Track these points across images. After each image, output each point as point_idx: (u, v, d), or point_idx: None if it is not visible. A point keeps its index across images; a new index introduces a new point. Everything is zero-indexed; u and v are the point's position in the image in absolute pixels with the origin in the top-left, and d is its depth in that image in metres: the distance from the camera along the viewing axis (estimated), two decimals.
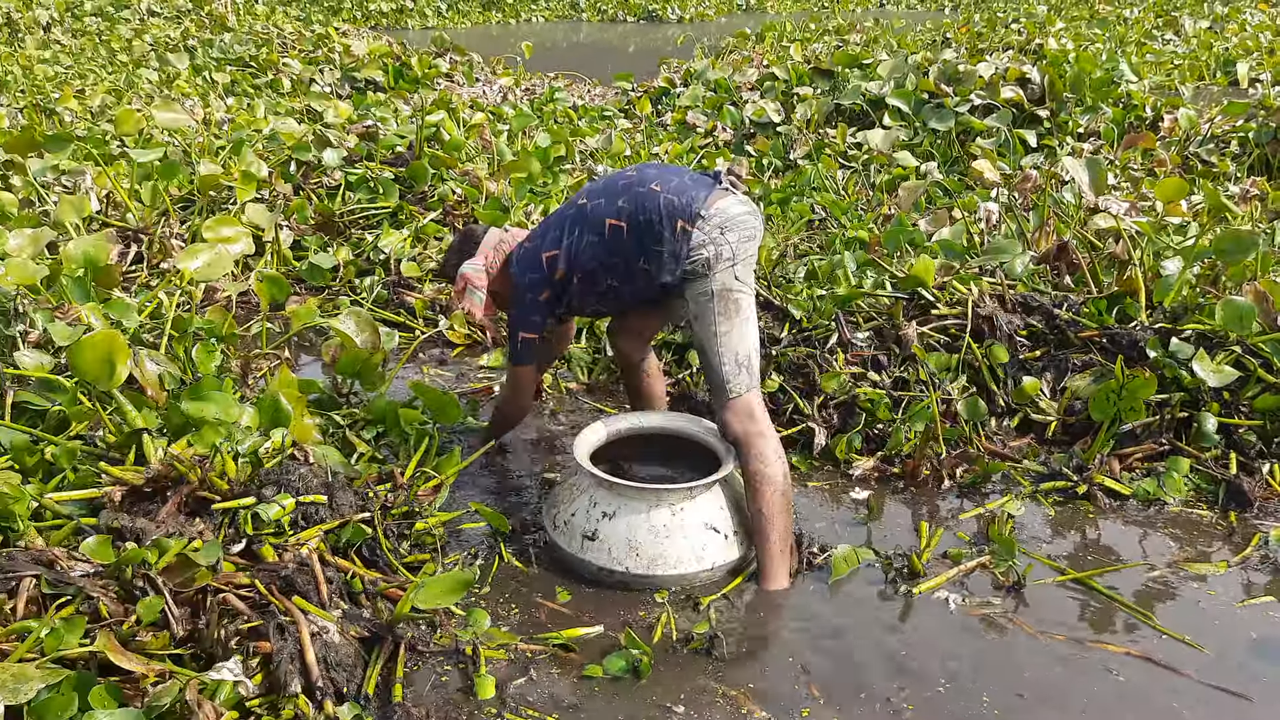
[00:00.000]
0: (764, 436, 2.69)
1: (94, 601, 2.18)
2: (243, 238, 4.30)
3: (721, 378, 2.70)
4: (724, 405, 2.71)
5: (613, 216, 2.72)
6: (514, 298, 2.93)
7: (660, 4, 21.77)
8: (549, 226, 2.90)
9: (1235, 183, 6.11)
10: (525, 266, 2.89)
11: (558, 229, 2.85)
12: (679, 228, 2.64)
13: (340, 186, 5.47)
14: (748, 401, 2.70)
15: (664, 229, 2.65)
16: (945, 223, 4.72)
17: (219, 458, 2.55)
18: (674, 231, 2.64)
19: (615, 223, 2.72)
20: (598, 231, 2.75)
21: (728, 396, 2.70)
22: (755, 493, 2.67)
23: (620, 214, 2.71)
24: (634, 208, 2.69)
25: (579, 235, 2.79)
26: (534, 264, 2.86)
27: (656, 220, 2.66)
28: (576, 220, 2.81)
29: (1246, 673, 2.35)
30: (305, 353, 4.27)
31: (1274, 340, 3.33)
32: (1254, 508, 3.04)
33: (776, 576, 2.67)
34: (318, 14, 17.89)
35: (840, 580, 2.72)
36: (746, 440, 2.68)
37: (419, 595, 2.29)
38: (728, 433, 2.73)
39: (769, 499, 2.65)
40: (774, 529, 2.66)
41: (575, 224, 2.81)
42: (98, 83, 9.56)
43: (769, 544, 2.67)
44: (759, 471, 2.66)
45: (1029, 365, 3.60)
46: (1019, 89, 7.54)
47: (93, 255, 3.81)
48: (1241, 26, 13.83)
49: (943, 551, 2.83)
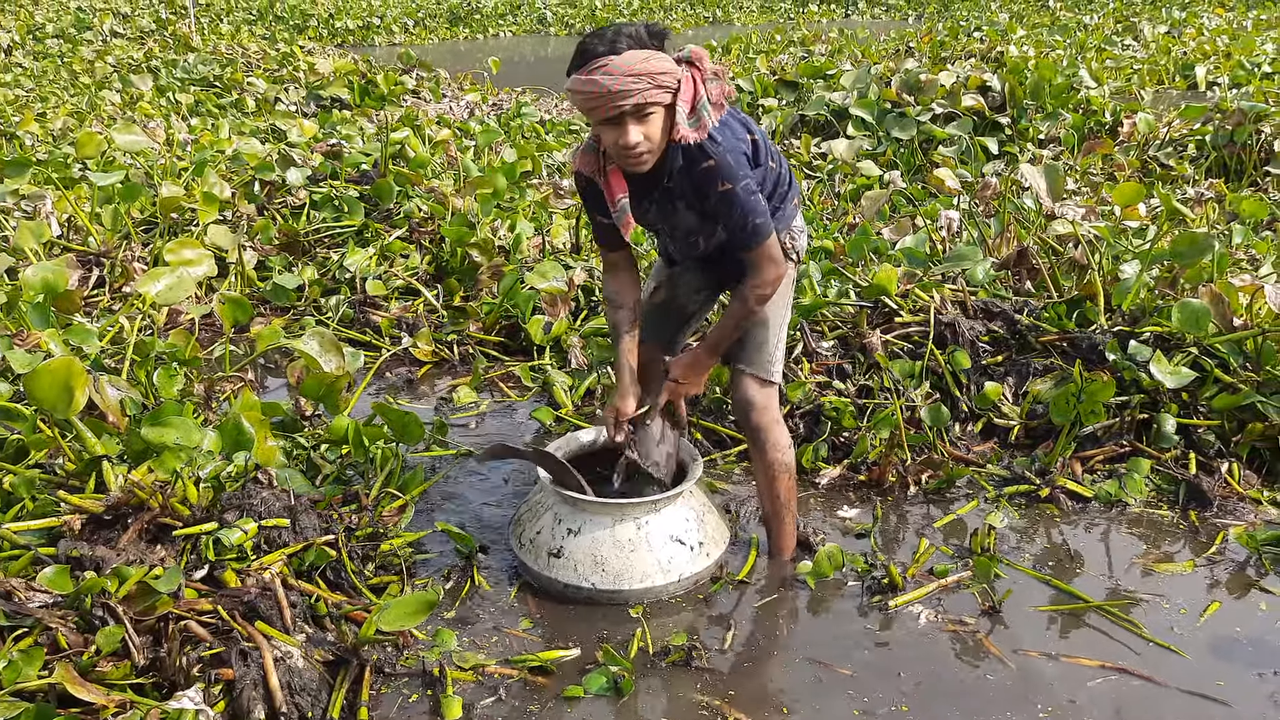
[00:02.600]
0: (781, 425, 2.72)
1: (52, 632, 2.15)
2: (205, 260, 4.26)
3: (768, 359, 2.66)
4: (759, 389, 2.66)
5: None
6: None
7: (627, 18, 21.86)
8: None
9: (1193, 185, 6.21)
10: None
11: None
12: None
13: (305, 206, 5.45)
14: (776, 391, 2.72)
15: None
16: (908, 231, 4.77)
17: (180, 483, 2.53)
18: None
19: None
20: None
21: (768, 380, 2.67)
22: (774, 480, 2.72)
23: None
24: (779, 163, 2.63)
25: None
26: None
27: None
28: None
29: (1220, 673, 2.38)
30: (271, 375, 4.25)
31: (1230, 341, 3.38)
32: (1213, 506, 3.09)
33: (789, 550, 2.85)
34: (283, 32, 17.83)
35: (818, 585, 2.74)
36: (767, 428, 2.68)
37: (383, 617, 2.28)
38: (750, 418, 2.68)
39: (787, 485, 2.74)
40: (789, 513, 2.81)
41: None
42: (59, 105, 9.48)
43: (784, 527, 2.83)
44: (778, 460, 2.70)
45: (991, 370, 3.64)
46: (980, 97, 7.63)
47: (52, 281, 3.77)
48: (1199, 31, 14.06)
49: (918, 563, 2.84)
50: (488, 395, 4.01)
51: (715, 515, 2.83)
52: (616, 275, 2.69)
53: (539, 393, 4.00)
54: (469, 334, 4.38)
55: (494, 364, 4.25)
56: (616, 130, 2.25)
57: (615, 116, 2.22)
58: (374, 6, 22.00)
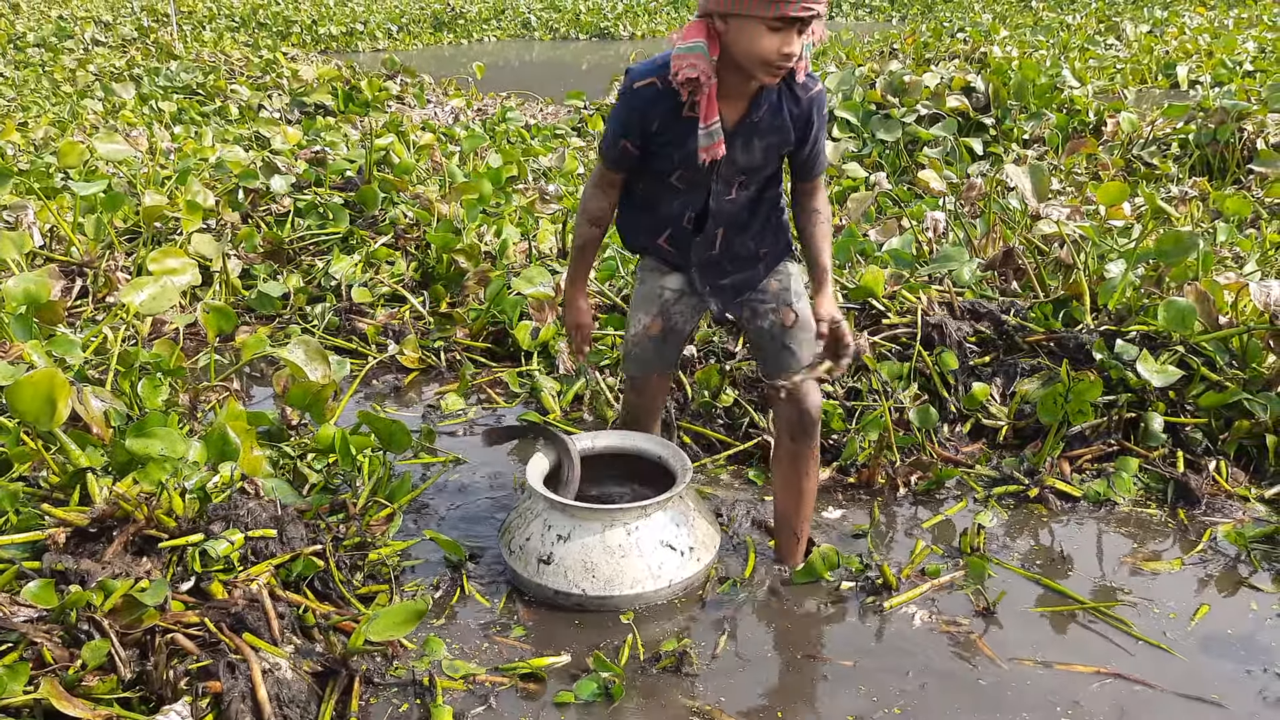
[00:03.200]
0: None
1: (38, 647, 2.13)
2: (189, 269, 4.23)
3: (811, 345, 2.59)
4: (804, 366, 2.58)
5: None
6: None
7: (612, 21, 21.88)
8: None
9: (1177, 184, 6.24)
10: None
11: None
12: None
13: (289, 213, 5.43)
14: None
15: None
16: (894, 232, 4.77)
17: (165, 494, 2.50)
18: None
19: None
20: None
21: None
22: (812, 472, 2.72)
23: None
24: None
25: None
26: None
27: None
28: None
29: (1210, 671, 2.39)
30: (257, 384, 4.22)
31: (1216, 339, 3.39)
32: (1202, 504, 3.09)
33: (803, 550, 2.85)
34: (265, 39, 17.77)
35: (812, 587, 2.74)
36: (817, 420, 2.66)
37: (372, 627, 2.27)
38: (816, 422, 2.66)
39: (816, 478, 2.75)
40: (811, 506, 2.81)
41: None
42: (41, 115, 9.42)
43: (804, 522, 2.81)
44: (816, 453, 2.70)
45: (979, 371, 3.64)
46: (964, 98, 7.66)
47: (35, 292, 3.75)
48: (1181, 30, 14.14)
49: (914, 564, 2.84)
50: (475, 402, 3.99)
51: (706, 520, 2.82)
52: (608, 195, 2.59)
53: (527, 398, 3.99)
54: (456, 340, 4.36)
55: (481, 370, 4.24)
56: (782, 38, 2.15)
57: (792, 21, 2.13)
58: (357, 12, 21.96)
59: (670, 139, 2.39)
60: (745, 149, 2.42)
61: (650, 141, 2.42)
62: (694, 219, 2.56)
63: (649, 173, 2.52)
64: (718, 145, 2.32)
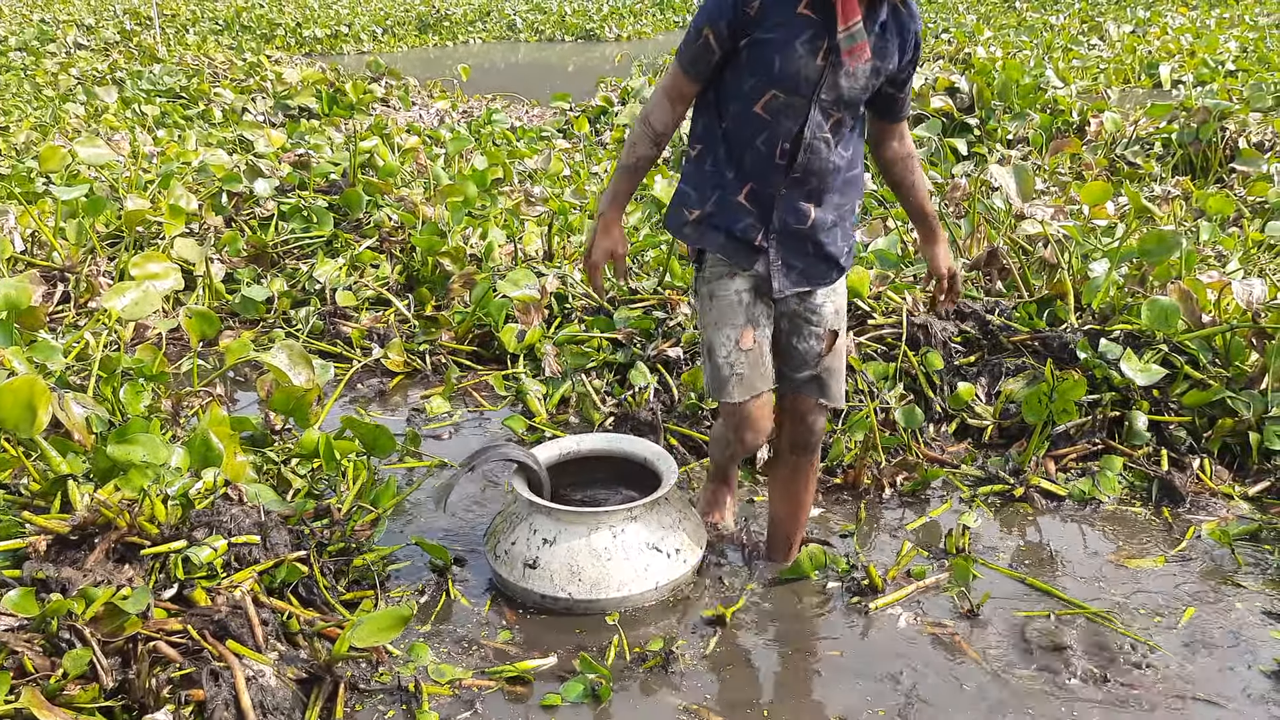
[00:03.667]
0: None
1: (19, 656, 2.11)
2: (172, 273, 4.20)
3: (842, 376, 2.55)
4: (829, 405, 2.56)
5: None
6: None
7: (598, 23, 21.85)
8: None
9: (1160, 183, 6.27)
10: None
11: None
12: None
13: (273, 217, 5.40)
14: None
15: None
16: (880, 233, 4.78)
17: (148, 501, 2.49)
18: None
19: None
20: None
21: (840, 400, 2.57)
22: (811, 484, 2.73)
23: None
24: None
25: None
26: None
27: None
28: None
29: (1196, 668, 2.39)
30: (241, 389, 4.20)
31: (1199, 337, 3.41)
32: (1186, 503, 3.11)
33: (794, 556, 2.83)
34: (249, 42, 17.71)
35: (798, 587, 2.74)
36: (821, 436, 2.64)
37: (356, 633, 2.25)
38: (816, 447, 2.64)
39: (814, 489, 2.78)
40: (807, 515, 2.83)
41: None
42: (22, 119, 9.35)
43: (799, 530, 2.83)
44: (816, 466, 2.71)
45: (964, 371, 3.65)
46: (948, 98, 7.68)
47: (15, 297, 3.71)
48: (1163, 30, 14.21)
49: (899, 565, 2.84)
50: (461, 405, 3.98)
51: (692, 522, 2.82)
52: (676, 110, 2.27)
53: (512, 401, 3.98)
54: (441, 344, 4.35)
55: (467, 373, 4.22)
56: None
57: None
58: (341, 15, 21.88)
59: (773, 36, 2.07)
60: (880, 51, 2.16)
61: (744, 36, 2.09)
62: (787, 152, 2.22)
63: (735, 97, 2.20)
64: (861, 47, 2.03)
